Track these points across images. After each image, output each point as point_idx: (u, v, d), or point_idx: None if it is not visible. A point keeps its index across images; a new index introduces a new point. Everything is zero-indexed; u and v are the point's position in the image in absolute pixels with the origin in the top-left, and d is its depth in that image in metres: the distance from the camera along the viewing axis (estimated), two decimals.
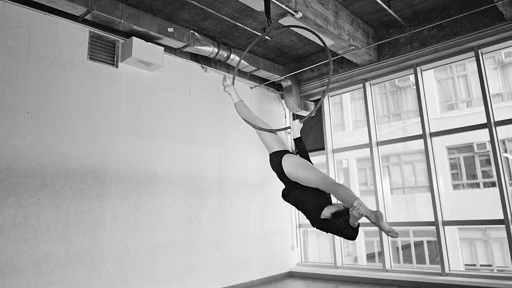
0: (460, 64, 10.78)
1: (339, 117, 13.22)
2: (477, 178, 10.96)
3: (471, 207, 10.44)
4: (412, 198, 11.77)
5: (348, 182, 12.34)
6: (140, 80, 5.35)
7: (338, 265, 6.55)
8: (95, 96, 4.83)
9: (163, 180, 5.31)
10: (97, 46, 4.98)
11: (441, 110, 11.70)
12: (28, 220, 4.02)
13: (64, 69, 4.60)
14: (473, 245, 10.60)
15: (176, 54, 5.83)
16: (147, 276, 4.90)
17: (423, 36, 5.74)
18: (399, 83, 12.27)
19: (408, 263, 10.60)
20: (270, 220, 6.83)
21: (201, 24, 5.76)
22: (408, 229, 11.20)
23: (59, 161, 4.36)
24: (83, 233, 4.41)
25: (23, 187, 4.04)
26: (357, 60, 6.17)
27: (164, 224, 5.21)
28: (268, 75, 6.84)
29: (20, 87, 4.20)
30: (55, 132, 4.38)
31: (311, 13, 4.82)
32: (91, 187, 4.58)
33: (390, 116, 13.00)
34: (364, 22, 5.96)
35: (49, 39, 4.53)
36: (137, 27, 4.96)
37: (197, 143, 5.89)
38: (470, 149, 10.91)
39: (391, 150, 11.61)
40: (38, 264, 4.02)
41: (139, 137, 5.18)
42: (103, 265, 4.52)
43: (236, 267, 6.04)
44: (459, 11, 5.33)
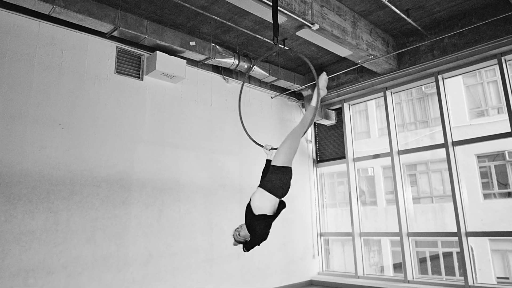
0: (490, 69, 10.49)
1: (365, 125, 13.11)
2: (510, 187, 10.56)
3: (504, 218, 10.05)
4: (440, 208, 11.45)
5: (374, 190, 12.17)
6: (164, 92, 5.59)
7: (359, 275, 6.51)
8: (121, 108, 5.09)
9: (185, 188, 5.51)
10: (124, 61, 5.26)
11: (470, 117, 11.39)
12: (58, 225, 4.29)
13: (93, 83, 4.89)
14: (505, 258, 10.19)
15: (198, 66, 6.05)
16: (169, 281, 5.07)
17: (444, 44, 5.69)
18: (426, 90, 12.04)
19: (437, 274, 10.31)
20: (291, 229, 6.89)
21: (222, 37, 5.96)
22: (436, 239, 10.92)
23: (87, 170, 4.63)
24: (109, 238, 4.65)
25: (54, 194, 4.33)
26: (377, 69, 6.18)
27: (185, 231, 5.38)
28: (289, 84, 6.95)
29: (52, 101, 4.51)
30: (84, 143, 4.66)
31: (328, 25, 4.91)
32: (117, 194, 4.82)
33: (417, 123, 12.76)
34: (383, 31, 5.97)
35: (80, 55, 4.84)
36: (161, 42, 5.20)
37: (218, 152, 6.06)
38: (502, 157, 10.54)
39: (418, 158, 11.39)
40: (67, 267, 4.27)
41: (163, 147, 5.40)
42: (128, 269, 4.73)
43: (256, 275, 6.13)
44: (481, 19, 5.26)
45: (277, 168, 2.90)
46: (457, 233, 5.48)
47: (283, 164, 2.90)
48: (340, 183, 10.61)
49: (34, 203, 4.17)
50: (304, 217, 7.18)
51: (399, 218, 6.08)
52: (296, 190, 7.16)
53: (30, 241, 4.07)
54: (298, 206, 7.15)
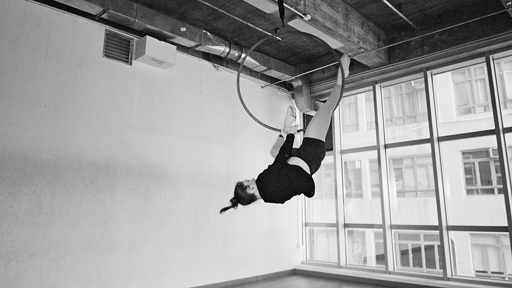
0: (478, 67, 10.62)
1: (354, 118, 13.19)
2: (492, 184, 10.79)
3: (485, 213, 10.29)
4: (424, 202, 11.67)
5: (360, 183, 12.32)
6: (153, 77, 5.53)
7: (341, 265, 6.62)
8: (109, 92, 5.03)
9: (172, 175, 5.50)
10: (112, 44, 5.18)
11: (457, 114, 11.55)
12: (42, 208, 4.26)
13: (80, 66, 4.81)
14: (485, 252, 10.45)
15: (188, 52, 5.99)
16: (153, 266, 5.10)
17: (434, 40, 5.73)
18: (415, 85, 12.16)
19: (418, 266, 10.55)
20: (276, 218, 6.95)
21: (214, 24, 5.90)
22: (419, 232, 11.14)
23: (72, 153, 4.58)
24: (93, 222, 4.63)
25: (38, 177, 4.28)
26: (367, 62, 6.20)
27: (171, 218, 5.39)
28: (279, 75, 6.93)
29: (38, 82, 4.43)
30: (70, 126, 4.60)
31: (320, 16, 4.89)
32: (102, 179, 4.80)
33: (405, 118, 12.89)
34: (375, 25, 5.98)
35: (67, 37, 4.75)
36: (151, 26, 5.13)
37: (206, 140, 6.05)
38: (486, 154, 10.74)
39: (404, 153, 11.54)
40: (50, 250, 4.25)
41: (150, 133, 5.37)
42: (112, 254, 4.73)
43: (240, 262, 6.19)
44: (471, 16, 5.30)
45: (311, 140, 2.77)
46: (438, 227, 5.59)
47: (316, 136, 2.79)
48: (327, 174, 10.70)
49: (18, 185, 4.12)
50: (290, 207, 7.25)
51: (383, 210, 6.18)
52: None
53: (12, 223, 4.03)
54: None
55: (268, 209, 6.84)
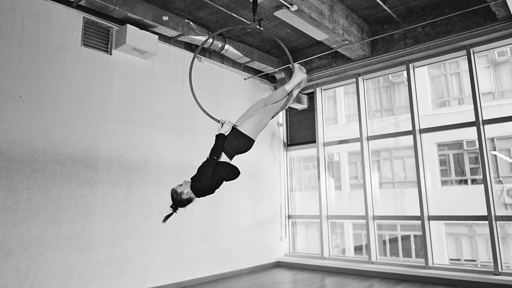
0: (453, 61, 10.86)
1: (332, 111, 13.29)
2: (466, 175, 11.13)
3: (459, 203, 10.61)
4: (401, 193, 11.92)
5: (339, 175, 12.46)
6: (134, 68, 5.35)
7: (325, 256, 6.67)
8: (88, 82, 4.83)
9: (154, 169, 5.35)
10: (91, 32, 4.96)
11: (433, 107, 11.82)
12: (18, 204, 4.05)
13: (57, 55, 4.59)
14: (458, 241, 10.81)
15: (170, 43, 5.82)
16: (136, 262, 4.96)
17: (417, 33, 5.80)
18: (393, 79, 12.34)
19: (395, 256, 10.80)
20: (260, 211, 6.92)
21: (196, 14, 5.75)
22: (395, 223, 11.38)
23: (50, 147, 4.37)
24: (73, 218, 4.45)
25: (14, 171, 4.06)
26: (351, 54, 6.21)
27: (154, 212, 5.26)
28: (262, 66, 6.86)
29: (13, 71, 4.19)
30: (47, 118, 4.39)
31: (306, 7, 4.84)
32: (82, 173, 4.61)
33: (383, 111, 13.09)
34: (359, 17, 5.99)
35: (43, 24, 4.51)
36: (132, 15, 4.94)
37: (189, 132, 5.93)
38: (460, 146, 11.05)
39: (382, 145, 11.73)
40: (29, 248, 4.06)
41: (132, 125, 5.20)
42: (93, 251, 4.57)
43: (225, 256, 6.13)
44: (453, 10, 5.38)
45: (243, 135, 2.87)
46: (420, 217, 5.70)
47: (249, 134, 2.88)
48: (306, 167, 10.75)
49: None
50: (273, 199, 7.23)
51: (366, 201, 6.25)
52: (266, 173, 7.18)
53: None
54: (268, 189, 7.18)
55: (251, 203, 6.80)
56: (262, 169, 7.13)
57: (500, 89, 10.42)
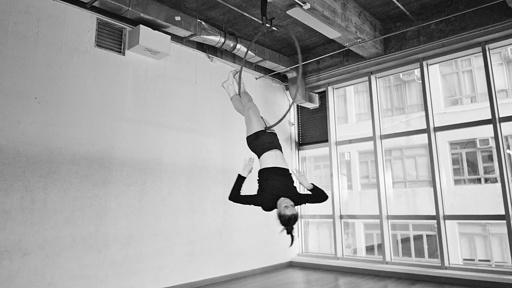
0: (465, 59, 10.72)
1: (342, 110, 13.21)
2: (479, 174, 10.97)
3: (472, 203, 10.46)
4: (413, 192, 11.79)
5: (350, 175, 12.38)
6: (147, 68, 5.37)
7: (338, 256, 6.62)
8: (101, 83, 4.85)
9: (167, 169, 5.36)
10: (105, 33, 4.99)
11: (445, 105, 11.67)
12: (35, 204, 4.08)
13: (71, 56, 4.62)
14: (472, 240, 10.66)
15: (182, 43, 5.83)
16: (150, 262, 4.98)
17: (431, 30, 5.73)
18: (404, 77, 12.21)
19: (407, 256, 10.70)
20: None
21: (208, 13, 5.75)
22: (407, 222, 11.27)
23: (66, 147, 4.40)
24: (88, 218, 4.48)
25: (31, 172, 4.10)
26: (363, 53, 6.16)
27: (167, 212, 5.27)
28: (274, 66, 6.84)
29: (28, 73, 4.22)
30: (62, 118, 4.42)
31: (319, 5, 4.81)
32: (97, 174, 4.63)
33: (394, 110, 12.96)
34: (371, 15, 5.94)
35: (57, 26, 4.54)
36: (145, 15, 4.96)
37: (201, 132, 5.93)
38: (473, 145, 10.90)
39: (393, 144, 11.60)
40: (45, 247, 4.09)
41: (145, 125, 5.21)
42: (108, 250, 4.59)
43: (237, 256, 6.12)
44: (468, 6, 5.30)
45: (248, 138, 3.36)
46: (435, 216, 5.62)
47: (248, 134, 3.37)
48: (316, 167, 10.70)
49: (9, 181, 3.93)
50: None
51: (380, 201, 6.20)
52: None
53: (4, 220, 3.85)
54: None
55: None
56: None
57: None
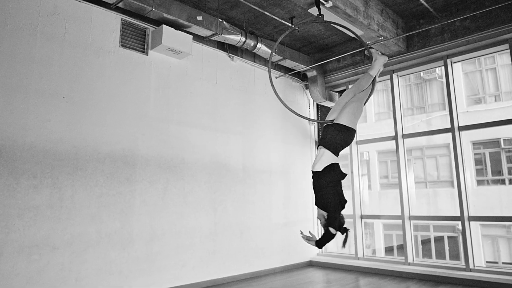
0: (489, 57, 10.47)
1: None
2: (503, 175, 10.71)
3: (496, 204, 10.23)
4: (434, 193, 11.61)
5: (369, 175, 12.25)
6: (169, 67, 5.43)
7: (359, 256, 6.57)
8: (126, 82, 4.94)
9: (189, 167, 5.42)
10: (129, 34, 5.07)
11: (467, 104, 11.44)
12: (63, 201, 4.19)
13: (97, 56, 4.71)
14: (495, 242, 10.42)
15: (203, 42, 5.88)
16: (173, 259, 5.04)
17: (455, 27, 5.62)
18: (425, 75, 12.03)
19: (427, 257, 10.52)
20: (291, 210, 6.89)
21: (229, 13, 5.78)
22: (428, 223, 11.09)
23: (91, 145, 4.50)
24: (113, 215, 4.57)
25: (58, 169, 4.20)
26: (385, 51, 6.08)
27: (189, 210, 5.33)
28: (294, 64, 6.83)
29: (55, 72, 4.33)
30: (88, 117, 4.52)
31: (341, 3, 4.78)
32: (122, 171, 4.72)
33: (414, 109, 12.78)
34: (394, 12, 5.86)
35: (83, 26, 4.64)
36: (167, 15, 5.02)
37: (222, 131, 5.97)
38: (497, 145, 10.65)
39: (414, 144, 11.45)
40: (72, 243, 4.19)
41: (167, 124, 5.28)
42: (132, 247, 4.67)
43: (258, 254, 6.14)
44: (494, 2, 5.18)
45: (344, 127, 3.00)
46: (460, 217, 5.52)
47: (350, 125, 3.01)
48: None
49: (38, 178, 4.05)
50: (305, 198, 7.18)
51: (402, 201, 6.11)
52: (298, 171, 7.14)
53: (34, 216, 3.97)
54: (300, 187, 7.13)
55: (284, 201, 6.79)
56: (294, 167, 7.09)
57: None
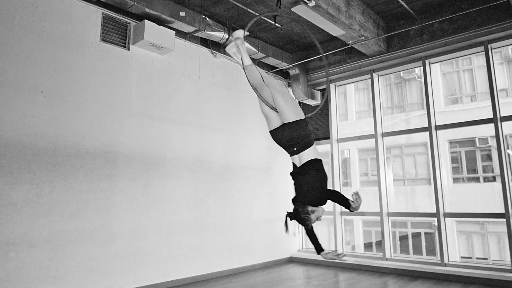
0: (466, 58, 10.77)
1: (343, 107, 13.25)
2: (478, 173, 11.05)
3: (470, 201, 10.55)
4: (412, 190, 11.88)
5: (349, 172, 12.44)
6: (151, 63, 5.39)
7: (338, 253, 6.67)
8: (107, 77, 4.87)
9: (172, 163, 5.40)
10: (110, 28, 5.00)
11: (445, 104, 11.73)
12: (41, 197, 4.11)
13: (77, 50, 4.63)
14: (470, 238, 10.75)
15: (186, 38, 5.85)
16: (155, 256, 5.02)
17: (434, 29, 5.76)
18: (404, 75, 12.26)
19: (405, 253, 10.79)
20: (273, 207, 6.95)
21: (212, 9, 5.77)
22: (406, 220, 11.36)
23: (71, 141, 4.43)
24: (94, 212, 4.51)
25: (37, 165, 4.12)
26: (366, 50, 6.19)
27: (171, 206, 5.31)
28: (276, 62, 6.87)
29: (34, 67, 4.24)
30: (68, 112, 4.44)
31: (323, 2, 4.84)
32: (102, 168, 4.66)
33: (394, 108, 13.02)
34: (375, 13, 5.97)
35: (63, 20, 4.55)
36: (150, 10, 4.97)
37: (205, 128, 5.96)
38: (472, 144, 10.97)
39: (393, 142, 11.69)
40: (50, 240, 4.12)
41: (149, 120, 5.24)
42: (113, 244, 4.63)
43: (241, 251, 6.18)
44: (471, 5, 5.34)
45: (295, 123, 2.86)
46: (435, 214, 5.68)
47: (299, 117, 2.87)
48: None
49: (15, 174, 3.96)
50: (287, 196, 7.24)
51: (380, 198, 6.25)
52: (280, 169, 7.20)
53: (11, 213, 3.88)
54: (282, 185, 7.19)
55: (266, 198, 6.83)
56: (276, 165, 7.15)
57: None
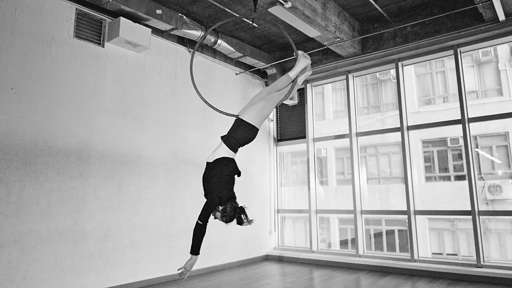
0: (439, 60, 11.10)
1: (320, 107, 13.42)
2: (449, 172, 11.40)
3: (442, 199, 10.88)
4: (386, 189, 12.14)
5: (326, 171, 12.63)
6: (126, 61, 5.33)
7: (313, 250, 6.79)
8: (80, 75, 4.79)
9: (146, 162, 5.36)
10: (84, 24, 4.92)
11: (418, 104, 12.04)
12: (10, 196, 4.02)
13: (49, 46, 4.54)
14: (441, 235, 11.10)
15: (163, 36, 5.81)
16: (128, 255, 4.98)
17: (406, 32, 5.92)
18: (380, 76, 12.50)
19: (379, 250, 11.05)
20: (249, 205, 6.97)
21: (189, 8, 5.75)
22: (380, 218, 11.63)
23: (42, 139, 4.34)
24: (65, 211, 4.44)
25: (6, 164, 4.02)
26: (341, 52, 6.30)
27: (146, 205, 5.28)
28: (254, 62, 6.90)
29: (4, 62, 4.13)
30: (39, 110, 4.35)
31: (300, 4, 4.90)
32: (75, 166, 4.59)
33: (370, 108, 13.26)
34: (350, 15, 6.08)
35: (35, 15, 4.45)
36: (125, 7, 4.91)
37: (181, 126, 5.94)
38: (444, 143, 11.30)
39: (369, 141, 11.92)
40: (20, 240, 4.04)
41: (124, 118, 5.19)
42: (85, 244, 4.57)
43: (216, 249, 6.19)
44: (442, 10, 5.51)
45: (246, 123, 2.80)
46: (406, 211, 5.86)
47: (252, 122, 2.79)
48: (293, 162, 10.88)
49: None
50: (263, 194, 7.31)
51: (354, 196, 6.39)
52: (256, 168, 7.25)
53: None
54: (258, 183, 7.25)
55: (242, 197, 6.84)
56: (252, 164, 7.19)
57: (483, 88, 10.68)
